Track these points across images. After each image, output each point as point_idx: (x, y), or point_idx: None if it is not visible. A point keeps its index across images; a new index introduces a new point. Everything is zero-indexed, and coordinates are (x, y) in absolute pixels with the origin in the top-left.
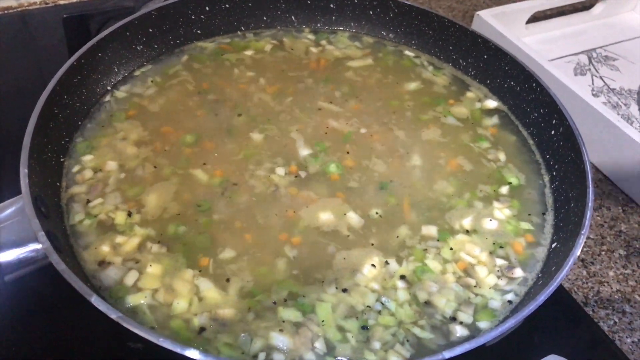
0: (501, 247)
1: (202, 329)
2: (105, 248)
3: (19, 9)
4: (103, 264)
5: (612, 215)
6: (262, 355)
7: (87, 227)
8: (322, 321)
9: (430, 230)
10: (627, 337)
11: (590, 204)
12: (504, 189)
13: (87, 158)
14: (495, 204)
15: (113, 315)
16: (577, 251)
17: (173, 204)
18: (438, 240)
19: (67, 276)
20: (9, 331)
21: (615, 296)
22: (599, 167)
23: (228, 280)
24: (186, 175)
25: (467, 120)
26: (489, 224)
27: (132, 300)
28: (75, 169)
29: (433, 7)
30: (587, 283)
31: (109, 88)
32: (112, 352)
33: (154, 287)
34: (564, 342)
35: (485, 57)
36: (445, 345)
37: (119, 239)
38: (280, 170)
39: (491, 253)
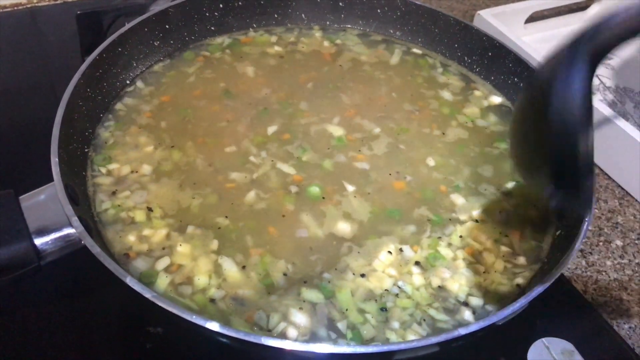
0: (506, 236)
1: (220, 306)
2: (132, 238)
3: (28, 5)
4: (128, 255)
5: (609, 207)
6: (280, 327)
7: (113, 217)
8: (346, 309)
9: (442, 218)
10: (624, 323)
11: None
12: (510, 184)
13: (110, 153)
14: (501, 196)
15: (148, 294)
16: (582, 236)
17: (196, 196)
18: (448, 227)
19: (102, 259)
20: (38, 313)
21: (613, 284)
22: (596, 161)
23: (245, 264)
24: (206, 168)
25: (478, 118)
26: (497, 216)
27: (159, 284)
28: (100, 162)
29: (434, 7)
30: (586, 272)
31: (128, 82)
32: (132, 337)
33: (182, 263)
34: (565, 327)
35: (490, 54)
36: (459, 325)
37: (146, 231)
38: (300, 163)
39: (496, 241)
